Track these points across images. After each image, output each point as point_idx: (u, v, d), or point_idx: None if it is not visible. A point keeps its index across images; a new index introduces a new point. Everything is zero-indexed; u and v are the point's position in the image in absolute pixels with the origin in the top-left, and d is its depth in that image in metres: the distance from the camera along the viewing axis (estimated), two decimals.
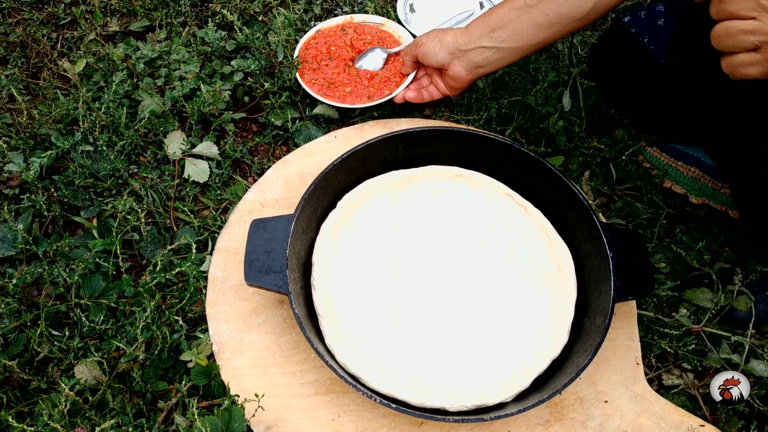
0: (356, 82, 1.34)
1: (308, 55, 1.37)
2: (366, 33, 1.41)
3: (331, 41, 1.39)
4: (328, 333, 0.98)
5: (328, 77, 1.34)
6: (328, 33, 1.41)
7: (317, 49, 1.38)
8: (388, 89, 1.33)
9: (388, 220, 1.12)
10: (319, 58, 1.37)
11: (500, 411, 0.91)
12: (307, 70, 1.35)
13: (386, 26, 1.44)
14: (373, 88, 1.33)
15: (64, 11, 1.55)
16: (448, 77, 1.24)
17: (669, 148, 1.26)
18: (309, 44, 1.39)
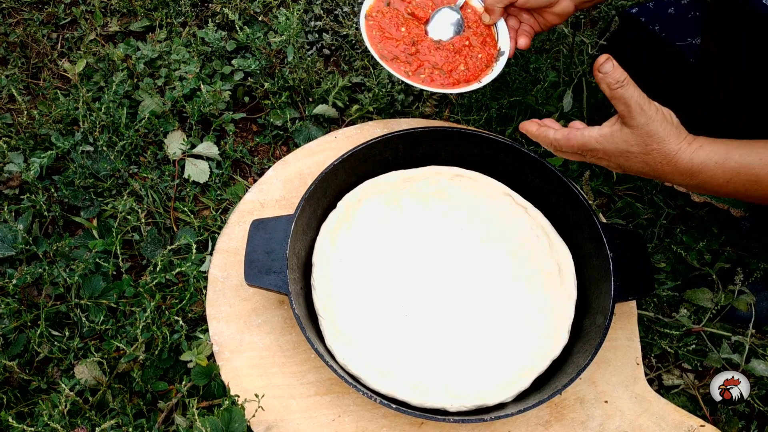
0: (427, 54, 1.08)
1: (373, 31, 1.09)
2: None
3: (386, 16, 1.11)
4: (328, 333, 0.98)
5: (402, 53, 1.07)
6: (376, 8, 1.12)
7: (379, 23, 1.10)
8: (472, 61, 1.07)
9: (388, 221, 1.12)
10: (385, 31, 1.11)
11: (500, 411, 0.91)
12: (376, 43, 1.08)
13: None
14: (448, 64, 1.07)
15: (64, 11, 1.55)
16: (550, 14, 1.06)
17: None
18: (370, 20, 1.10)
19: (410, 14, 1.09)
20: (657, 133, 0.78)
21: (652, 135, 0.78)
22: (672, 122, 0.79)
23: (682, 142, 0.79)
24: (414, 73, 1.04)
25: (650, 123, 0.77)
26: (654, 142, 0.78)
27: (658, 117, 0.78)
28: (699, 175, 0.79)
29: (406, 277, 1.07)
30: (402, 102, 1.41)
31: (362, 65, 1.48)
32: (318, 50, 1.52)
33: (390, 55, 1.05)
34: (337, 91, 1.37)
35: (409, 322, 1.02)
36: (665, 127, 0.78)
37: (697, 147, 0.78)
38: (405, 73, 1.03)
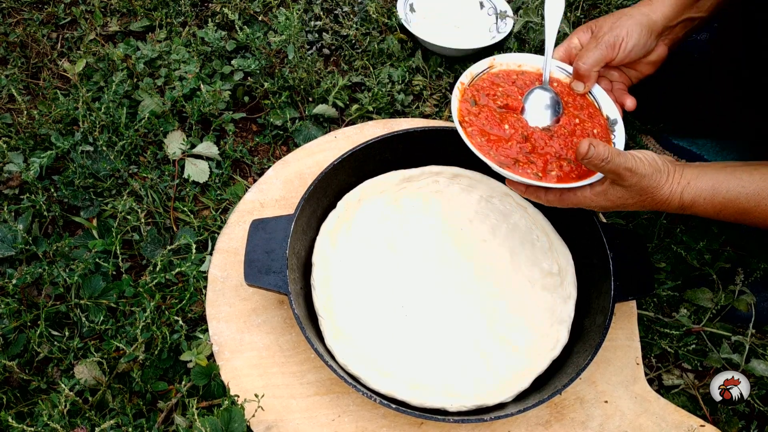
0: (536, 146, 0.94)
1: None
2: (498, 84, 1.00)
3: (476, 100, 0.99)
4: (328, 333, 0.98)
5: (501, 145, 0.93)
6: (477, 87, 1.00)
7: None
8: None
9: (388, 220, 1.12)
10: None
11: (500, 411, 0.91)
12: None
13: (525, 66, 1.03)
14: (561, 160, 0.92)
15: (64, 11, 1.55)
16: (643, 65, 1.00)
17: (672, 145, 1.26)
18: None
19: (503, 107, 0.96)
20: (648, 186, 0.82)
21: (644, 189, 0.83)
22: (659, 168, 0.83)
23: (672, 184, 0.83)
24: (545, 172, 0.90)
25: (641, 180, 0.81)
26: (646, 193, 0.83)
27: (647, 171, 0.81)
28: (691, 209, 0.85)
29: (406, 276, 1.07)
30: (402, 102, 1.41)
31: (362, 65, 1.48)
32: (318, 50, 1.52)
33: (508, 160, 0.91)
34: (337, 90, 1.37)
35: (409, 322, 1.02)
36: (654, 178, 0.82)
37: (686, 184, 0.83)
38: (536, 176, 0.89)
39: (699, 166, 0.86)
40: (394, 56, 1.50)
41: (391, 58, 1.50)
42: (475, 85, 0.99)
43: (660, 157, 0.85)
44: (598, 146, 0.79)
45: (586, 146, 0.79)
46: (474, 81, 0.99)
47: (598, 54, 0.95)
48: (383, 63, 1.49)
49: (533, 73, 1.02)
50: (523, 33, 1.56)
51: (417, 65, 1.49)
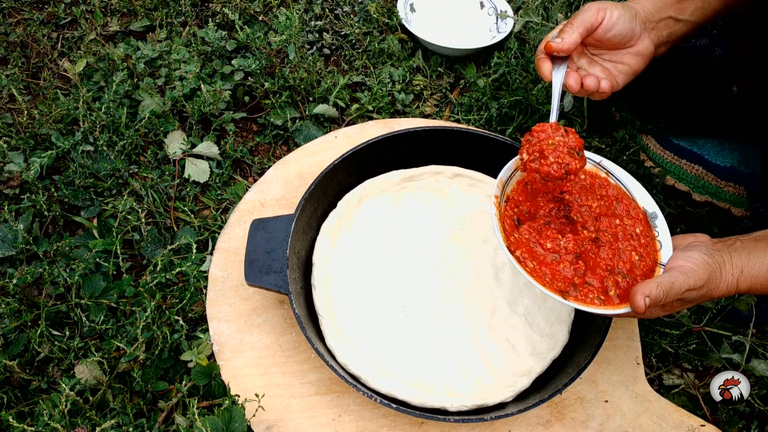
0: None
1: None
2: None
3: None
4: (329, 333, 0.98)
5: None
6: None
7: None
8: (637, 241, 0.88)
9: (388, 220, 1.12)
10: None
11: (500, 411, 0.91)
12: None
13: (612, 178, 0.96)
14: None
15: (65, 11, 1.55)
16: (630, 56, 0.97)
17: (672, 145, 1.26)
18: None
19: (547, 216, 0.89)
20: (707, 291, 0.82)
21: (703, 295, 0.82)
22: (713, 269, 0.81)
23: (727, 278, 0.82)
24: (605, 294, 0.83)
25: (700, 290, 0.81)
26: (705, 297, 0.83)
27: (704, 278, 0.80)
28: (747, 293, 0.86)
29: (407, 276, 1.07)
30: (402, 101, 1.41)
31: (362, 64, 1.48)
32: (318, 50, 1.52)
33: (567, 285, 0.84)
34: (337, 90, 1.37)
35: (410, 322, 1.02)
36: (712, 281, 0.81)
37: (739, 274, 0.83)
38: (599, 301, 0.82)
39: (744, 247, 0.84)
40: (394, 56, 1.50)
41: (392, 57, 1.50)
42: (510, 197, 0.91)
43: (708, 251, 0.83)
44: (652, 293, 0.77)
45: (642, 303, 0.77)
46: (506, 190, 0.91)
47: (583, 15, 0.92)
48: (384, 63, 1.49)
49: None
50: (523, 33, 1.56)
51: (417, 65, 1.49)
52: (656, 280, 0.79)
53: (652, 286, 0.77)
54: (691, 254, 0.83)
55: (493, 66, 1.44)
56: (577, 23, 0.92)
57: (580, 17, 0.92)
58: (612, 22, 0.93)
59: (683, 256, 0.83)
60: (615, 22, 0.93)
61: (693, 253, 0.83)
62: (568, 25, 0.93)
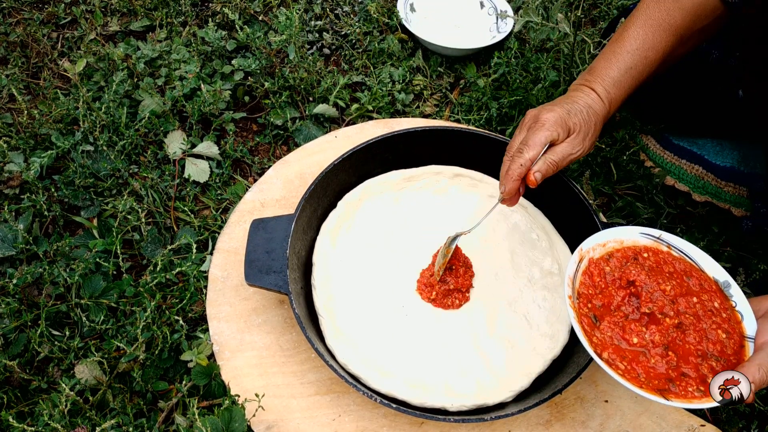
0: None
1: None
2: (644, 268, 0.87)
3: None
4: (329, 333, 0.98)
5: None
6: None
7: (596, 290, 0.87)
8: (719, 316, 0.83)
9: (388, 220, 1.12)
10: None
11: (500, 411, 0.91)
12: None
13: (674, 251, 0.92)
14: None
15: (65, 11, 1.55)
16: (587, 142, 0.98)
17: (672, 145, 1.26)
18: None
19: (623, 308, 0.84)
20: None
21: None
22: None
23: None
24: (704, 384, 0.79)
25: None
26: None
27: None
28: None
29: (407, 276, 1.07)
30: (402, 101, 1.41)
31: (362, 64, 1.48)
32: (318, 50, 1.52)
33: (663, 383, 0.78)
34: (338, 90, 1.37)
35: (410, 322, 1.02)
36: None
37: None
38: (700, 393, 0.78)
39: None
40: (394, 56, 1.50)
41: (392, 57, 1.50)
42: (581, 293, 0.86)
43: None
44: (756, 378, 0.73)
45: (751, 397, 0.73)
46: (575, 286, 0.86)
47: (557, 162, 0.91)
48: (384, 62, 1.49)
49: (625, 248, 0.91)
50: (523, 33, 1.56)
51: (417, 65, 1.49)
52: (755, 361, 0.75)
53: (753, 371, 0.73)
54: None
55: (493, 66, 1.44)
56: (564, 165, 0.91)
57: (553, 164, 0.90)
58: (577, 156, 0.93)
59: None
60: (581, 155, 0.94)
61: None
62: (553, 168, 0.91)
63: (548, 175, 0.91)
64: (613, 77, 0.96)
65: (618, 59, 0.97)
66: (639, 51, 0.96)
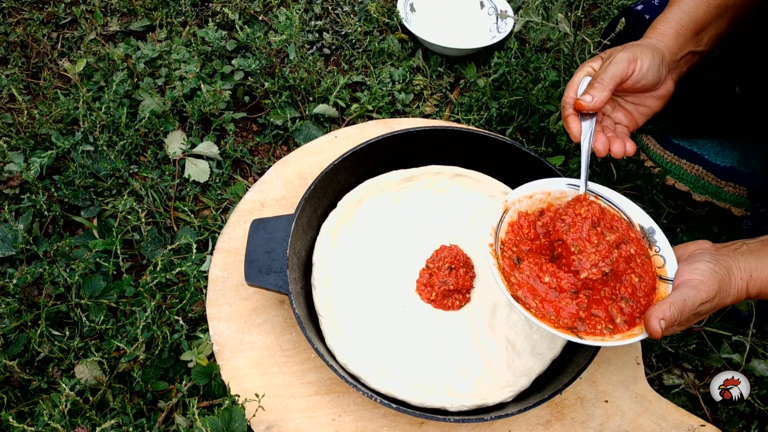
0: None
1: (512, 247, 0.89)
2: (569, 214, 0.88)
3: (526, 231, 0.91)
4: (329, 333, 0.98)
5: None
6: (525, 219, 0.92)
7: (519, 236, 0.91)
8: (636, 263, 0.86)
9: (388, 220, 1.12)
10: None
11: (500, 411, 0.91)
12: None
13: (602, 200, 0.93)
14: None
15: (65, 11, 1.55)
16: (652, 99, 0.97)
17: (672, 145, 1.26)
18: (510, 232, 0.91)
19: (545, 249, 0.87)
20: (719, 301, 0.80)
21: (715, 305, 0.80)
22: (722, 277, 0.80)
23: (737, 283, 0.81)
24: (613, 323, 0.81)
25: (712, 301, 0.79)
26: (717, 306, 0.81)
27: (714, 288, 0.79)
28: (758, 297, 0.83)
29: (407, 276, 1.06)
30: (402, 101, 1.41)
31: (362, 64, 1.48)
32: (318, 50, 1.52)
33: (573, 321, 0.81)
34: (338, 90, 1.37)
35: (410, 322, 1.02)
36: (722, 290, 0.80)
37: (748, 278, 0.81)
38: (609, 331, 0.80)
39: (751, 251, 0.83)
40: (394, 56, 1.50)
41: (392, 57, 1.50)
42: (504, 242, 0.88)
43: (713, 258, 0.81)
44: (666, 314, 0.76)
45: (658, 327, 0.75)
46: (499, 236, 0.88)
47: (615, 69, 0.89)
48: (384, 62, 1.49)
49: (558, 203, 0.92)
50: (523, 33, 1.56)
51: (417, 65, 1.49)
52: (668, 300, 0.77)
53: (664, 307, 0.76)
54: (697, 266, 0.81)
55: (493, 66, 1.44)
56: (608, 79, 0.89)
57: (611, 71, 0.90)
58: (642, 73, 0.91)
59: (689, 269, 0.81)
60: (645, 74, 0.91)
61: (699, 264, 0.81)
62: (598, 80, 0.90)
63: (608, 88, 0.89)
64: (665, 27, 0.97)
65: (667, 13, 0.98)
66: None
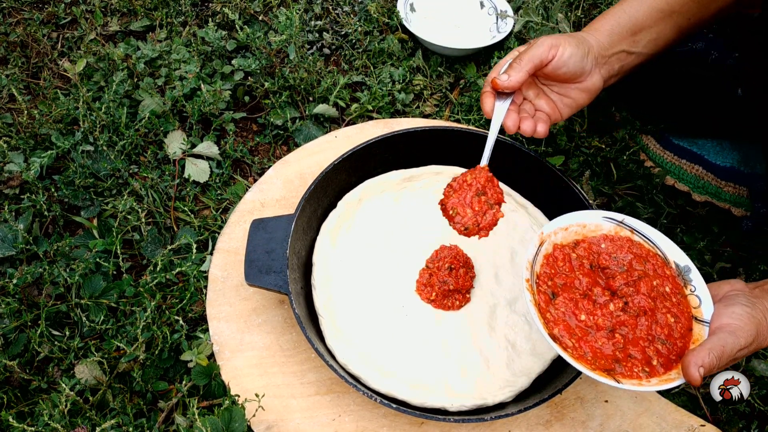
0: None
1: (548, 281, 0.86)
2: (610, 251, 0.88)
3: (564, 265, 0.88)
4: (329, 333, 0.98)
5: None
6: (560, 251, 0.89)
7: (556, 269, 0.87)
8: (671, 302, 0.84)
9: (388, 220, 1.12)
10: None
11: (500, 411, 0.91)
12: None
13: (637, 235, 0.91)
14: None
15: (65, 11, 1.55)
16: (577, 91, 0.97)
17: (672, 145, 1.26)
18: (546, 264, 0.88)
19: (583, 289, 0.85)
20: (759, 345, 0.79)
21: (753, 350, 0.79)
22: (759, 320, 0.78)
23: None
24: (650, 365, 0.79)
25: (750, 345, 0.77)
26: (756, 349, 0.79)
27: (752, 332, 0.77)
28: None
29: (407, 276, 1.06)
30: (402, 101, 1.41)
31: (362, 64, 1.48)
32: (318, 50, 1.52)
33: (609, 363, 0.79)
34: (338, 90, 1.37)
35: (410, 322, 1.02)
36: (761, 333, 0.78)
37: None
38: (645, 374, 0.78)
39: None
40: (394, 56, 1.50)
41: (392, 57, 1.50)
42: (540, 275, 0.86)
43: (749, 302, 0.79)
44: (705, 362, 0.74)
45: (697, 375, 0.74)
46: (535, 269, 0.86)
47: (534, 51, 0.90)
48: (384, 62, 1.49)
49: (592, 235, 0.91)
50: (523, 33, 1.56)
51: (417, 65, 1.49)
52: (706, 345, 0.75)
53: (703, 354, 0.74)
54: (734, 309, 0.79)
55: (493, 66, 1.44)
56: (527, 60, 0.90)
57: (531, 53, 0.91)
58: (563, 60, 0.91)
59: (726, 312, 0.79)
60: (566, 61, 0.91)
61: (735, 308, 0.79)
62: (517, 61, 0.91)
63: (521, 76, 0.90)
64: (601, 23, 0.98)
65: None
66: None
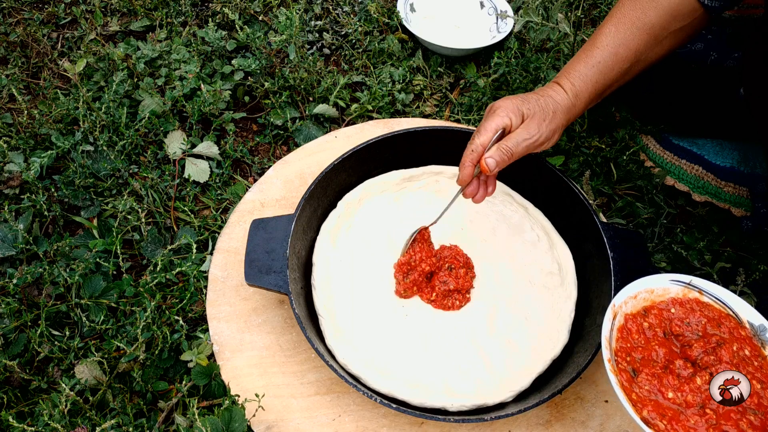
0: None
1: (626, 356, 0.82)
2: (679, 317, 0.85)
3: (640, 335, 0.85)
4: (329, 333, 0.98)
5: None
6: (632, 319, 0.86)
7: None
8: None
9: (388, 220, 1.12)
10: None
11: (500, 411, 0.91)
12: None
13: (705, 296, 0.87)
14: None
15: (65, 11, 1.55)
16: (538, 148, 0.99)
17: (672, 145, 1.26)
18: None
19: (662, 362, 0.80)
20: None
21: None
22: None
23: None
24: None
25: None
26: None
27: None
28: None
29: None
30: (402, 101, 1.41)
31: (362, 64, 1.48)
32: (318, 50, 1.52)
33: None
34: (338, 90, 1.37)
35: (410, 322, 1.02)
36: None
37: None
38: None
39: None
40: (394, 56, 1.50)
41: (392, 57, 1.50)
42: (617, 350, 0.82)
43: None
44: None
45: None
46: (612, 346, 0.82)
47: (527, 144, 0.92)
48: (384, 62, 1.49)
49: (660, 299, 0.88)
50: (523, 33, 1.56)
51: (417, 65, 1.49)
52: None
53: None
54: None
55: (493, 66, 1.44)
56: (519, 154, 0.93)
57: (524, 146, 0.92)
58: (544, 144, 0.96)
59: None
60: (544, 143, 0.95)
61: None
62: (507, 153, 0.92)
63: (503, 163, 0.92)
64: (580, 71, 0.98)
65: (587, 55, 0.99)
66: (609, 47, 0.98)
